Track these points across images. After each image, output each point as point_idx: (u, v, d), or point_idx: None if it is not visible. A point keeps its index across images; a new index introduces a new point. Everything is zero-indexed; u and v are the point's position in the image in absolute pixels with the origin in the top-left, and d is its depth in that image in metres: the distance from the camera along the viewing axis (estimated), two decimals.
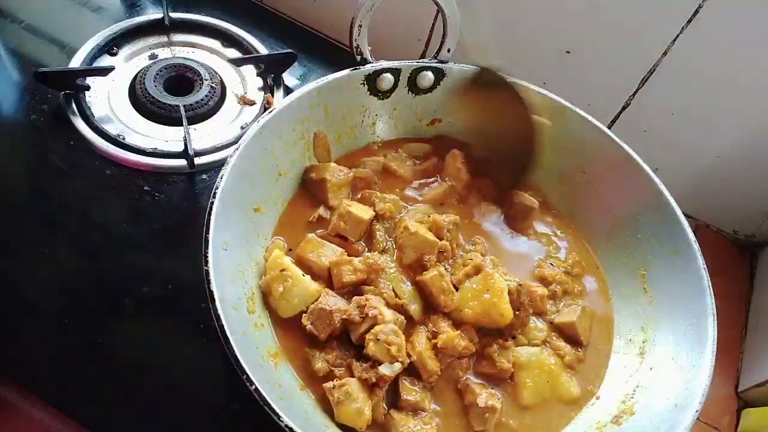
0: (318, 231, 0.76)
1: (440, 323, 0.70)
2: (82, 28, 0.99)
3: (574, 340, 0.75)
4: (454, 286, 0.72)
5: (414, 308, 0.70)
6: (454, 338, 0.68)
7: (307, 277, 0.70)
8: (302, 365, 0.67)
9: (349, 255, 0.73)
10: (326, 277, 0.72)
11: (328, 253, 0.73)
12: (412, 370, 0.67)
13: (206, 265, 0.59)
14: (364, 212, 0.75)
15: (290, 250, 0.75)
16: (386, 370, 0.64)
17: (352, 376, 0.65)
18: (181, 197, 0.85)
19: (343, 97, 0.79)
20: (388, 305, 0.69)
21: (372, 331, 0.65)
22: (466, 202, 0.84)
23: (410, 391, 0.66)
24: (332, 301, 0.68)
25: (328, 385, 0.64)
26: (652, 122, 0.96)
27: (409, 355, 0.66)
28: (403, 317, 0.69)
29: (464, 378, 0.70)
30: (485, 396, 0.66)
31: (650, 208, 0.76)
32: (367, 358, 0.65)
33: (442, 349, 0.68)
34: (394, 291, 0.70)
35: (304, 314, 0.68)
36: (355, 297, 0.69)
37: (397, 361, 0.64)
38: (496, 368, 0.69)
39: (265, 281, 0.70)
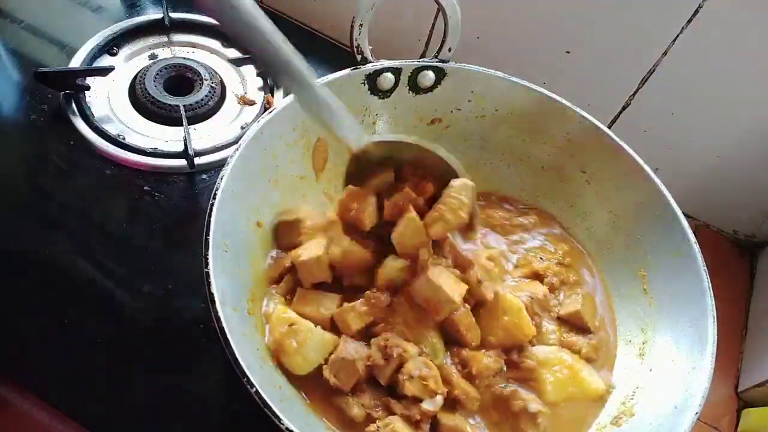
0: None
1: (462, 352, 0.69)
2: (82, 28, 0.99)
3: (582, 329, 0.75)
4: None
5: (440, 360, 0.68)
6: (483, 359, 0.68)
7: (319, 328, 0.66)
8: (336, 415, 0.64)
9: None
10: (332, 327, 0.68)
11: (326, 303, 0.69)
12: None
13: (206, 267, 0.58)
14: (316, 248, 0.70)
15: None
16: (430, 406, 0.63)
17: (391, 413, 0.64)
18: (181, 197, 0.85)
19: (343, 96, 0.79)
20: (406, 337, 0.67)
21: (403, 370, 0.64)
22: None
23: (449, 417, 0.65)
24: (352, 348, 0.64)
25: (372, 428, 0.62)
26: (652, 122, 0.96)
27: (449, 393, 0.65)
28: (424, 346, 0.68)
29: (502, 387, 0.68)
30: (532, 401, 0.66)
31: (650, 208, 0.76)
32: (403, 395, 0.64)
33: (478, 375, 0.67)
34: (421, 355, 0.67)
35: (324, 367, 0.65)
36: (372, 339, 0.66)
37: (437, 394, 0.63)
38: (522, 369, 0.69)
39: (273, 340, 0.65)
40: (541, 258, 0.81)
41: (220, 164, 0.69)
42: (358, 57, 0.77)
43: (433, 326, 0.68)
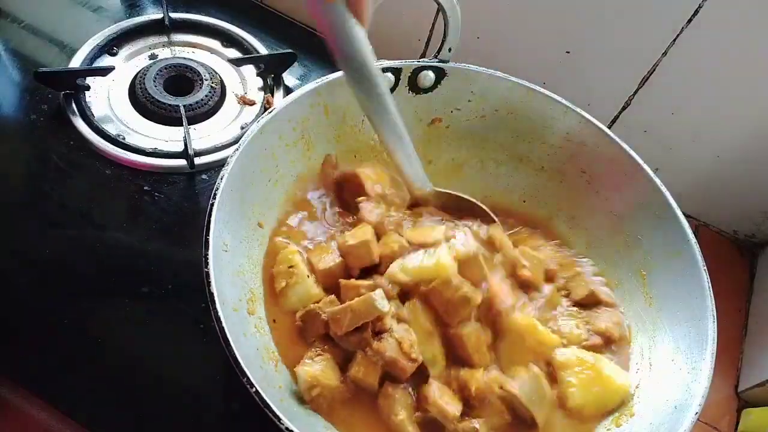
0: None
1: (460, 373, 0.67)
2: (82, 28, 0.99)
3: (599, 304, 0.76)
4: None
5: (434, 370, 0.67)
6: (483, 377, 0.66)
7: (311, 279, 0.69)
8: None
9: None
10: (327, 284, 0.71)
11: (326, 259, 0.72)
12: None
13: (206, 267, 0.58)
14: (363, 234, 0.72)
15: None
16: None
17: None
18: (181, 197, 0.85)
19: (343, 96, 0.79)
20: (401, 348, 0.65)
21: (375, 328, 0.65)
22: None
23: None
24: (329, 310, 0.66)
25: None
26: (652, 122, 0.96)
27: (426, 410, 0.64)
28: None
29: None
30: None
31: (650, 208, 0.76)
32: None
33: (478, 394, 0.65)
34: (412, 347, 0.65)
35: (298, 314, 0.68)
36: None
37: (411, 359, 0.63)
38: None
39: (273, 271, 0.70)
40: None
41: (220, 164, 0.70)
42: None
43: (439, 337, 0.67)
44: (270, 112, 0.72)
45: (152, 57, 0.99)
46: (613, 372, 0.68)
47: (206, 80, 0.95)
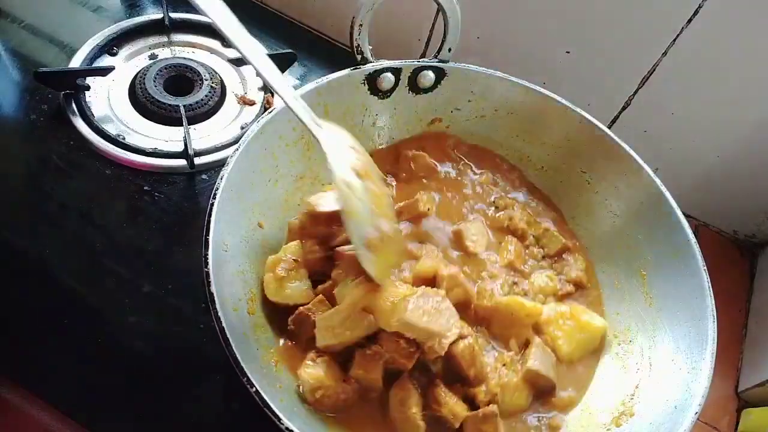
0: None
1: (468, 391, 0.67)
2: (82, 28, 0.99)
3: (566, 251, 0.81)
4: None
5: (435, 367, 0.67)
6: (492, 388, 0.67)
7: (308, 282, 0.69)
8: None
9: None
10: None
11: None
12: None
13: (206, 267, 0.58)
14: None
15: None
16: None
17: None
18: (181, 197, 0.85)
19: (343, 96, 0.79)
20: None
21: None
22: None
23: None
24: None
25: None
26: (652, 122, 0.96)
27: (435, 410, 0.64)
28: None
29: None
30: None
31: (650, 208, 0.76)
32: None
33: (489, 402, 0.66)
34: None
35: (290, 318, 0.67)
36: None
37: (413, 353, 0.63)
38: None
39: (273, 259, 0.69)
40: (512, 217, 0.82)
41: (220, 164, 0.70)
42: (358, 57, 0.77)
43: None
44: (270, 112, 0.72)
45: (152, 57, 0.99)
46: (590, 318, 0.74)
47: (206, 80, 0.95)
